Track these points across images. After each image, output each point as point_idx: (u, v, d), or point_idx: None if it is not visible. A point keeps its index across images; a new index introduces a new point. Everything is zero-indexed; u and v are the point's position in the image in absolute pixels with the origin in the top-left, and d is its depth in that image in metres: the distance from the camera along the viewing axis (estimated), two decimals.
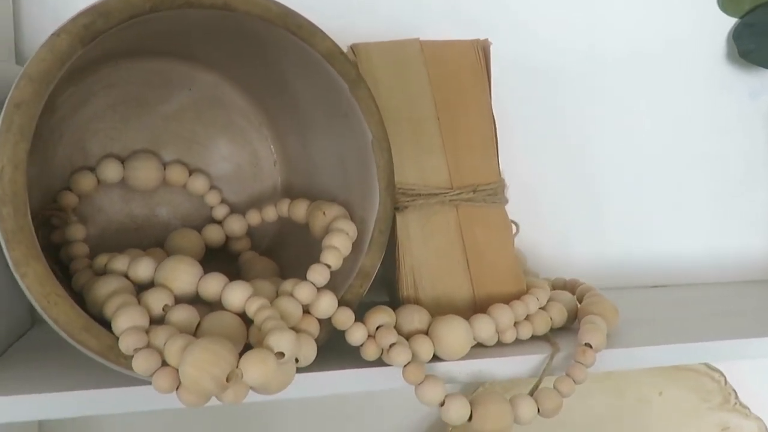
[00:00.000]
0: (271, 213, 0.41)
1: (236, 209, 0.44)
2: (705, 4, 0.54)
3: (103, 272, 0.34)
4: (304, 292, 0.32)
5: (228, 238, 0.42)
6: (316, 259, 0.34)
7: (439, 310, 0.38)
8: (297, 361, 0.32)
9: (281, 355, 0.28)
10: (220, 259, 0.43)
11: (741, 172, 0.57)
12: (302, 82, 0.39)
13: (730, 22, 0.55)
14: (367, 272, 0.36)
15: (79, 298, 0.32)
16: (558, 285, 0.47)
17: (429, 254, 0.38)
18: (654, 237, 0.56)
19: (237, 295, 0.32)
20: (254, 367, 0.27)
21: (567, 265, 0.54)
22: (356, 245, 0.37)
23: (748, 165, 0.57)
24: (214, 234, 0.42)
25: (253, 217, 0.42)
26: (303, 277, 0.33)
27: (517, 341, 0.39)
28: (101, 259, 0.34)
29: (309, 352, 0.32)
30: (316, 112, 0.40)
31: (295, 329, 0.33)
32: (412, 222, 0.38)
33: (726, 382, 0.55)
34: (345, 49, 0.36)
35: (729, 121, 0.56)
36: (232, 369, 0.27)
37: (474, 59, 0.37)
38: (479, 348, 0.38)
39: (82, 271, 0.35)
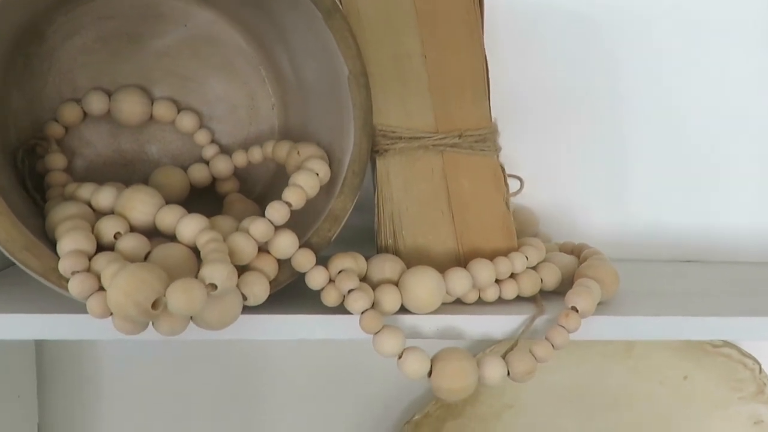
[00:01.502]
0: (256, 154, 0.40)
1: (231, 151, 0.42)
2: None
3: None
4: (258, 228, 0.31)
5: (215, 180, 0.42)
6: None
7: (419, 262, 0.36)
8: (245, 298, 0.30)
9: (213, 287, 0.27)
10: (208, 200, 0.42)
11: None
12: (289, 15, 0.37)
13: None
14: (337, 216, 0.34)
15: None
16: (565, 249, 0.43)
17: (410, 202, 0.36)
18: (690, 209, 0.51)
19: (190, 227, 0.31)
20: (179, 295, 0.26)
21: (588, 234, 0.50)
22: (329, 187, 0.35)
23: None
24: (199, 173, 0.41)
25: (239, 158, 0.41)
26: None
27: (501, 301, 0.36)
28: (70, 188, 0.34)
29: (260, 291, 0.31)
30: (305, 50, 0.38)
31: (249, 267, 0.31)
32: (393, 167, 0.36)
33: (761, 370, 0.50)
34: None
35: None
36: (159, 296, 0.26)
37: None
38: (457, 305, 0.36)
39: (54, 198, 0.35)
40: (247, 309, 0.32)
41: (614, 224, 0.51)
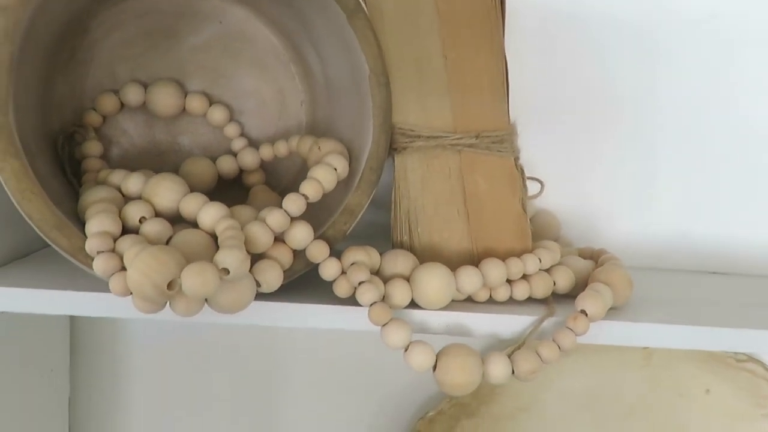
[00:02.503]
0: (282, 148, 0.42)
1: (260, 145, 0.44)
2: None
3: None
4: (275, 219, 0.32)
5: (242, 171, 0.43)
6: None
7: (433, 259, 0.36)
8: (259, 285, 0.32)
9: (226, 271, 0.28)
10: (236, 190, 0.44)
11: None
12: (317, 14, 0.38)
13: None
14: (353, 210, 0.35)
15: None
16: (585, 254, 0.43)
17: (426, 200, 0.37)
18: (717, 220, 0.50)
19: (210, 215, 0.32)
20: (193, 277, 0.27)
21: (611, 241, 0.50)
22: (347, 182, 0.36)
23: None
24: (227, 164, 0.42)
25: (266, 152, 0.42)
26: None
27: (512, 301, 0.36)
28: (103, 173, 0.36)
29: (273, 278, 0.32)
30: (331, 49, 0.39)
31: (265, 255, 0.33)
32: (411, 164, 0.37)
33: None
34: None
35: None
36: (174, 278, 0.27)
37: None
38: (468, 302, 0.36)
39: (88, 183, 0.37)
40: (261, 296, 0.33)
41: (639, 232, 0.50)
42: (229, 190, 0.44)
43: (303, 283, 0.35)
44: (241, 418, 0.52)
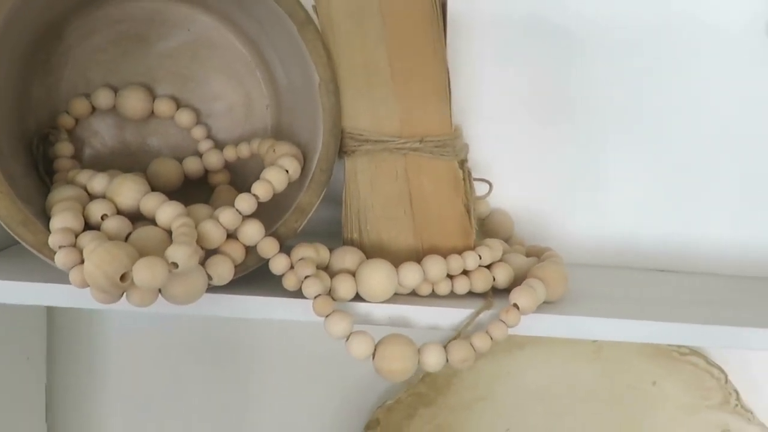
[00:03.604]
0: (244, 150, 0.44)
1: (227, 146, 0.46)
2: None
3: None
4: (227, 217, 0.35)
5: (208, 171, 0.46)
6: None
7: (381, 256, 0.39)
8: (211, 278, 0.34)
9: (175, 265, 0.30)
10: (202, 190, 0.46)
11: None
12: (275, 25, 0.40)
13: None
14: (304, 209, 0.38)
15: None
16: (532, 252, 0.46)
17: (375, 200, 0.39)
18: (668, 219, 0.53)
19: (167, 212, 0.35)
20: (143, 270, 0.29)
21: (565, 239, 0.52)
22: (300, 182, 0.39)
23: None
24: (192, 165, 0.45)
25: (229, 153, 0.45)
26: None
27: (453, 295, 0.39)
28: (72, 173, 0.39)
29: (224, 272, 0.34)
30: (289, 57, 0.42)
31: (218, 251, 0.35)
32: (361, 166, 0.39)
33: (727, 380, 0.51)
34: None
35: (765, 102, 0.51)
36: (127, 271, 0.30)
37: (430, 9, 0.37)
38: (412, 296, 0.39)
39: (59, 182, 0.39)
40: (214, 288, 0.36)
41: (590, 231, 0.52)
42: (197, 188, 0.46)
43: (258, 277, 0.38)
44: (212, 404, 0.55)
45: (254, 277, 0.38)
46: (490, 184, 0.47)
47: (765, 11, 0.50)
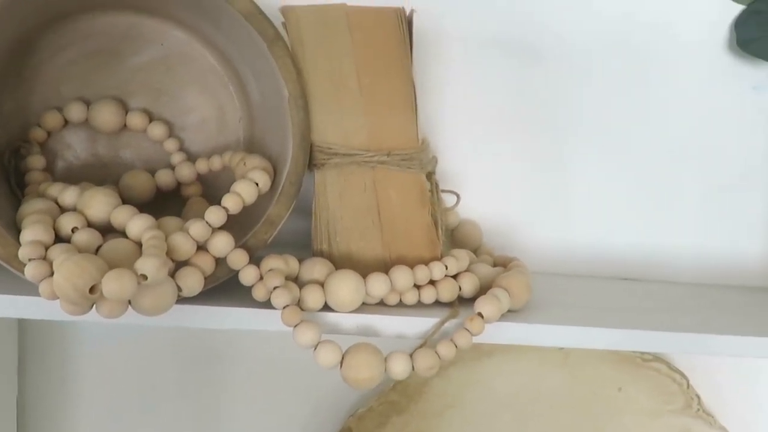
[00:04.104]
0: (216, 163, 0.45)
1: (200, 158, 0.47)
2: None
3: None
4: (197, 229, 0.35)
5: (180, 184, 0.46)
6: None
7: (350, 267, 0.40)
8: (181, 290, 0.35)
9: (144, 277, 0.31)
10: (175, 202, 0.47)
11: (738, 170, 0.54)
12: (246, 41, 0.41)
13: (736, 9, 0.51)
14: (273, 221, 0.39)
15: None
16: (499, 262, 0.47)
17: (344, 212, 0.40)
18: (632, 229, 0.54)
19: (138, 225, 0.35)
20: (112, 282, 0.30)
21: (532, 249, 0.54)
22: (270, 195, 0.40)
23: (746, 163, 0.54)
24: (165, 177, 0.45)
25: (201, 166, 0.45)
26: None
27: (420, 304, 0.40)
28: (43, 186, 0.39)
29: (194, 284, 0.35)
30: (261, 72, 0.43)
31: (188, 263, 0.36)
32: (330, 179, 0.40)
33: (689, 386, 0.53)
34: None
35: (728, 114, 0.53)
36: (96, 283, 0.30)
37: (396, 26, 0.38)
38: (380, 306, 0.40)
39: (30, 195, 0.40)
40: (185, 299, 0.36)
41: (558, 241, 0.54)
42: (170, 201, 0.47)
43: (228, 288, 0.38)
44: (186, 415, 0.55)
45: (225, 288, 0.38)
46: (458, 196, 0.48)
47: (724, 26, 0.52)
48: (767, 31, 0.50)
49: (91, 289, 0.30)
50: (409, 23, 0.39)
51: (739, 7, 0.51)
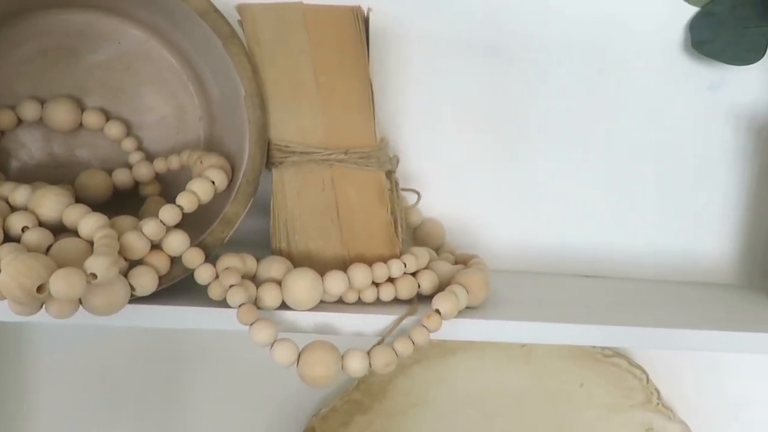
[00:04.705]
0: (174, 162, 0.44)
1: (159, 157, 0.46)
2: None
3: None
4: (150, 228, 0.35)
5: (139, 183, 0.46)
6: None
7: (309, 265, 0.40)
8: (134, 289, 0.34)
9: (93, 276, 0.31)
10: (135, 202, 0.46)
11: (694, 169, 0.55)
12: (204, 40, 0.41)
13: (691, 11, 0.52)
14: (230, 219, 0.38)
15: None
16: (460, 259, 0.47)
17: (302, 210, 0.40)
18: (594, 227, 0.55)
19: (89, 224, 0.35)
20: (60, 282, 0.29)
21: (495, 247, 0.54)
22: (228, 193, 0.39)
23: (703, 162, 0.55)
24: (122, 177, 0.45)
25: (160, 165, 0.45)
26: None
27: (379, 302, 0.40)
28: None
29: (147, 283, 0.35)
30: (219, 70, 0.42)
31: (143, 262, 0.35)
32: (288, 177, 0.40)
33: (648, 380, 0.54)
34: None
35: (685, 114, 0.54)
36: (43, 282, 0.30)
37: (353, 25, 0.38)
38: (339, 304, 0.40)
39: None
40: (140, 299, 0.36)
41: (519, 239, 0.54)
42: (129, 200, 0.46)
43: (185, 287, 0.38)
44: (148, 419, 0.54)
45: (182, 287, 0.38)
46: (419, 194, 0.48)
47: (680, 27, 0.53)
48: (720, 33, 0.51)
49: (39, 289, 0.30)
50: (366, 21, 0.39)
51: (694, 9, 0.52)
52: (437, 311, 0.37)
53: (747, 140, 0.55)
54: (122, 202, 0.45)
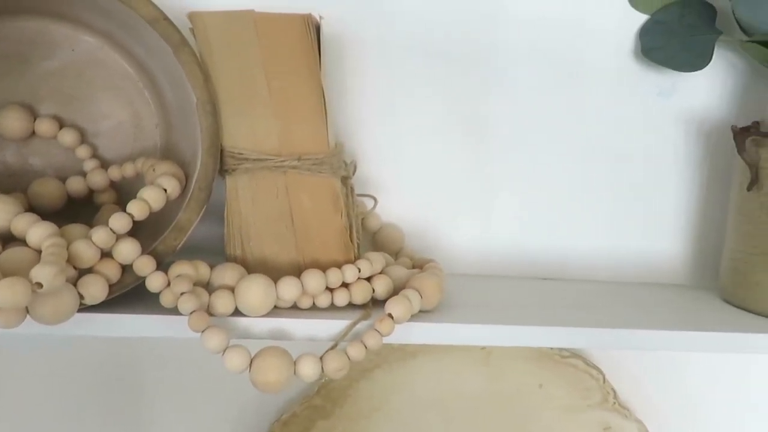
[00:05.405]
0: (129, 169, 0.44)
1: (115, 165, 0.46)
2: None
3: None
4: (100, 236, 0.35)
5: (94, 191, 0.45)
6: None
7: (264, 271, 0.40)
8: (83, 298, 0.34)
9: (39, 285, 0.30)
10: (91, 210, 0.46)
11: (646, 173, 0.56)
12: (158, 48, 0.41)
13: (642, 18, 0.54)
14: (183, 227, 0.39)
15: None
16: (418, 264, 0.48)
17: (257, 217, 0.40)
18: (550, 231, 0.56)
19: (38, 233, 0.34)
20: (4, 290, 0.29)
21: (454, 251, 0.55)
22: (181, 201, 0.39)
23: (654, 167, 0.56)
24: (77, 185, 0.45)
25: (114, 173, 0.45)
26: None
27: (334, 307, 0.40)
28: None
29: (97, 291, 0.35)
30: (174, 78, 0.42)
31: (93, 270, 0.35)
32: (241, 184, 0.40)
33: (605, 380, 0.55)
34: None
35: (636, 119, 0.55)
36: None
37: (304, 33, 0.39)
38: (293, 309, 0.40)
39: None
40: (90, 307, 0.36)
41: (478, 242, 0.55)
42: (84, 208, 0.46)
43: (139, 295, 0.38)
44: (107, 428, 0.54)
45: (136, 295, 0.38)
46: (375, 200, 0.49)
47: (632, 38, 0.54)
48: (669, 40, 0.52)
49: None
50: (317, 28, 0.39)
51: (645, 17, 0.54)
52: (390, 315, 0.38)
53: (697, 144, 0.56)
54: (78, 210, 0.45)
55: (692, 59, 0.52)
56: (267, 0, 0.47)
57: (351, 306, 0.41)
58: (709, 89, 0.55)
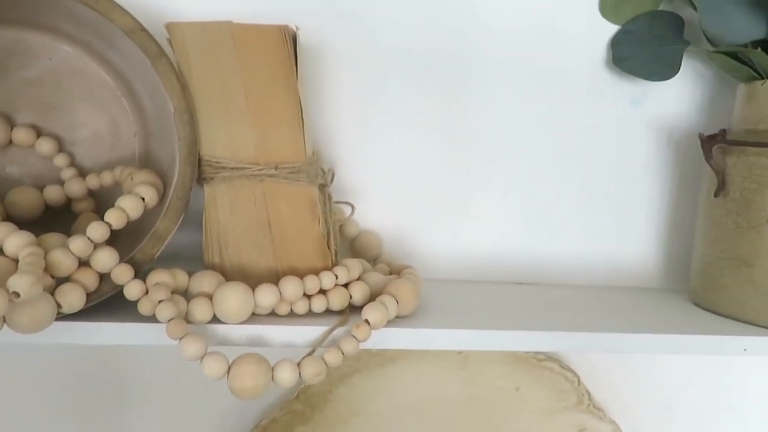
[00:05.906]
0: (107, 178, 0.44)
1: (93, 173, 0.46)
2: (588, 10, 0.55)
3: None
4: (77, 245, 0.35)
5: (72, 200, 0.46)
6: None
7: (242, 279, 0.40)
8: (60, 306, 0.34)
9: (16, 294, 0.31)
10: (69, 218, 0.46)
11: (618, 180, 0.57)
12: (136, 57, 0.41)
13: (613, 28, 0.55)
14: (161, 235, 0.39)
15: None
16: (395, 269, 0.49)
17: (235, 224, 0.41)
18: (525, 236, 0.57)
19: (15, 242, 0.35)
20: None
21: (431, 256, 0.55)
22: (159, 209, 0.40)
23: (626, 173, 0.57)
24: (53, 194, 0.45)
25: (92, 181, 0.45)
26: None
27: (311, 313, 0.41)
28: None
29: (75, 300, 0.35)
30: (152, 87, 0.43)
31: (71, 279, 0.35)
32: (219, 192, 0.41)
33: (579, 382, 0.56)
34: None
35: (608, 127, 0.57)
36: None
37: (281, 43, 0.39)
38: (271, 316, 0.40)
39: None
40: (69, 316, 0.36)
41: (455, 248, 0.56)
42: (62, 217, 0.46)
43: (118, 303, 0.38)
44: None
45: (115, 303, 0.38)
46: (352, 207, 0.49)
47: (603, 48, 0.56)
48: (638, 50, 0.54)
49: None
50: (294, 38, 0.40)
51: (616, 27, 0.55)
52: (366, 321, 0.38)
53: (668, 151, 0.58)
54: (56, 219, 0.45)
55: (661, 69, 0.53)
56: (244, 11, 0.49)
57: (328, 312, 0.41)
58: (678, 98, 0.57)
